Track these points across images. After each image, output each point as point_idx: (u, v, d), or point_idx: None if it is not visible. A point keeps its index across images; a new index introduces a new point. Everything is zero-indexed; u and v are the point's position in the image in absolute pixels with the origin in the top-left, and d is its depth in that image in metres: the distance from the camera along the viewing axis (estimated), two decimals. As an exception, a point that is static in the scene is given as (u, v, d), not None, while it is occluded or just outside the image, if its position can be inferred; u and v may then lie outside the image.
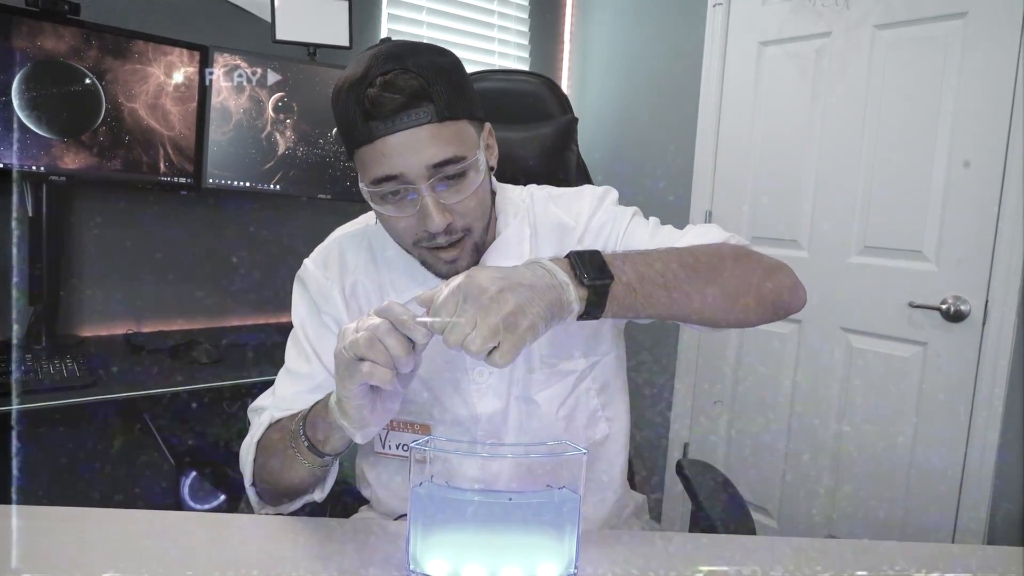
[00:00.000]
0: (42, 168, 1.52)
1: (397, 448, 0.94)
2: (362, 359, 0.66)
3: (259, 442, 0.88)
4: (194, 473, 1.63)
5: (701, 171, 2.27)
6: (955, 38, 1.73)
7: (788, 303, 0.84)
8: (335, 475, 0.86)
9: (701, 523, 0.97)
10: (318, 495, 0.86)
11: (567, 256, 0.73)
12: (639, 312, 0.75)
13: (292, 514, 0.88)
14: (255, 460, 0.87)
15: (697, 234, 0.90)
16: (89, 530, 0.77)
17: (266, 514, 0.89)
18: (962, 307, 1.73)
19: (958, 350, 1.75)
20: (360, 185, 0.84)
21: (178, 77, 1.69)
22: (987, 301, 1.70)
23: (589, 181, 1.40)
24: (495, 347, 0.63)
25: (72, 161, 1.55)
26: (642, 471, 2.39)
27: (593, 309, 0.71)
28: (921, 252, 1.80)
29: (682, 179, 2.31)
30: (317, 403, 0.79)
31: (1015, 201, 1.64)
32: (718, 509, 0.96)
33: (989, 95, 1.68)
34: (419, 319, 0.65)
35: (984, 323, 1.71)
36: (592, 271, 0.71)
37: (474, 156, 0.82)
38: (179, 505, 1.62)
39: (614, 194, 0.99)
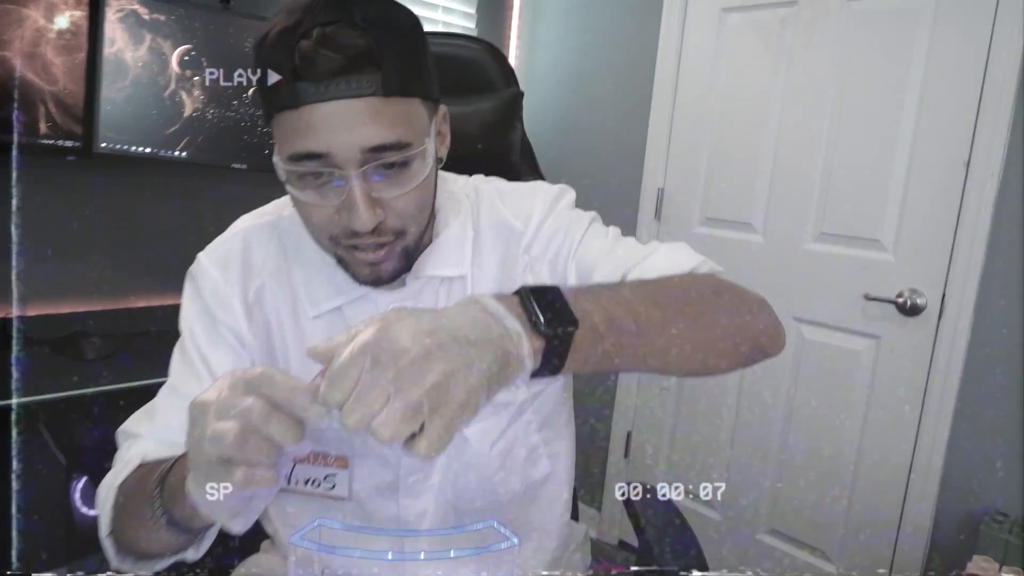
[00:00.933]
0: None
1: (307, 484, 0.78)
2: (230, 460, 0.47)
3: (121, 486, 0.71)
4: (85, 478, 1.44)
5: (654, 147, 2.14)
6: (926, 12, 1.62)
7: (767, 349, 0.70)
8: (214, 535, 0.70)
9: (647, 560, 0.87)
10: (191, 555, 0.69)
11: (517, 293, 0.55)
12: (604, 365, 0.58)
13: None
14: (114, 505, 0.69)
15: (664, 257, 0.75)
16: None
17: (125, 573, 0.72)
18: (918, 300, 1.66)
19: (912, 345, 1.69)
20: (275, 158, 0.67)
21: (62, 22, 1.45)
22: (944, 295, 1.64)
23: (534, 161, 1.26)
24: (418, 432, 0.46)
25: (-74, 120, 1.31)
26: (586, 465, 2.31)
27: (550, 363, 0.54)
28: (879, 241, 1.72)
29: (634, 155, 2.17)
30: (173, 470, 0.61)
31: (978, 191, 1.57)
32: (667, 552, 0.85)
33: (958, 76, 1.58)
34: (309, 385, 0.47)
35: (940, 318, 1.65)
36: (551, 314, 0.53)
37: (422, 145, 0.66)
38: (71, 512, 1.44)
39: (571, 195, 0.84)
